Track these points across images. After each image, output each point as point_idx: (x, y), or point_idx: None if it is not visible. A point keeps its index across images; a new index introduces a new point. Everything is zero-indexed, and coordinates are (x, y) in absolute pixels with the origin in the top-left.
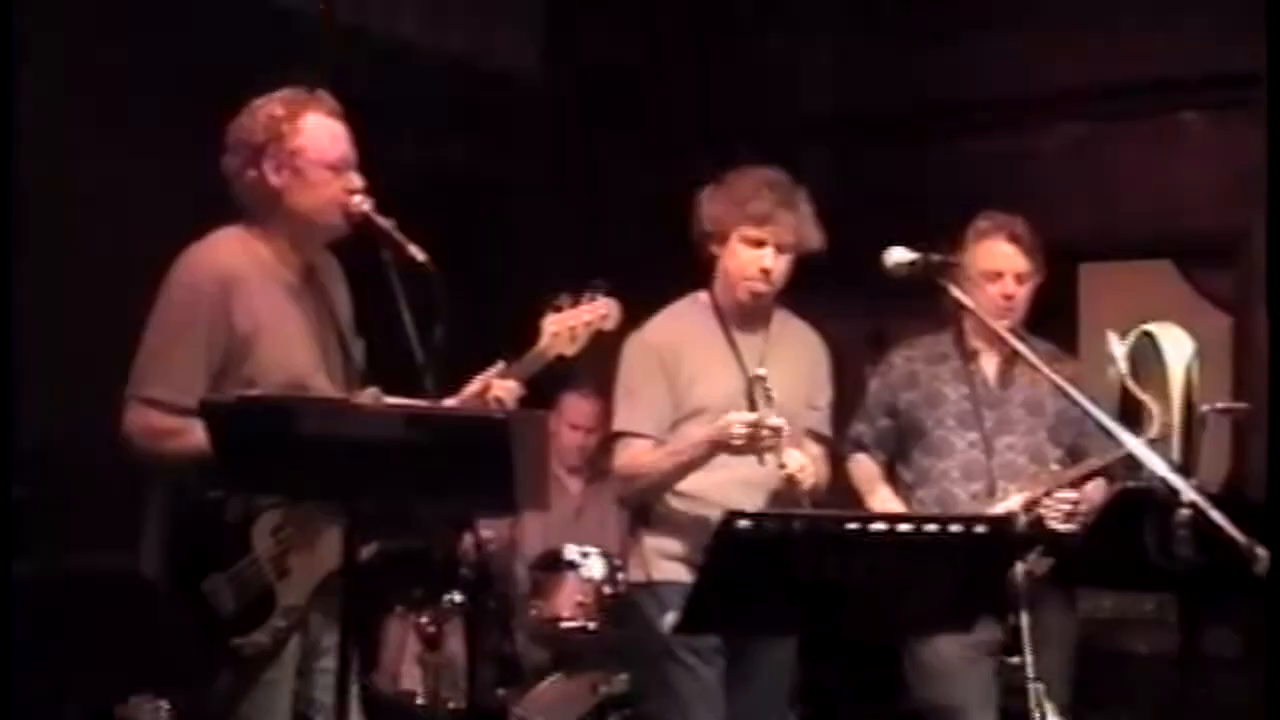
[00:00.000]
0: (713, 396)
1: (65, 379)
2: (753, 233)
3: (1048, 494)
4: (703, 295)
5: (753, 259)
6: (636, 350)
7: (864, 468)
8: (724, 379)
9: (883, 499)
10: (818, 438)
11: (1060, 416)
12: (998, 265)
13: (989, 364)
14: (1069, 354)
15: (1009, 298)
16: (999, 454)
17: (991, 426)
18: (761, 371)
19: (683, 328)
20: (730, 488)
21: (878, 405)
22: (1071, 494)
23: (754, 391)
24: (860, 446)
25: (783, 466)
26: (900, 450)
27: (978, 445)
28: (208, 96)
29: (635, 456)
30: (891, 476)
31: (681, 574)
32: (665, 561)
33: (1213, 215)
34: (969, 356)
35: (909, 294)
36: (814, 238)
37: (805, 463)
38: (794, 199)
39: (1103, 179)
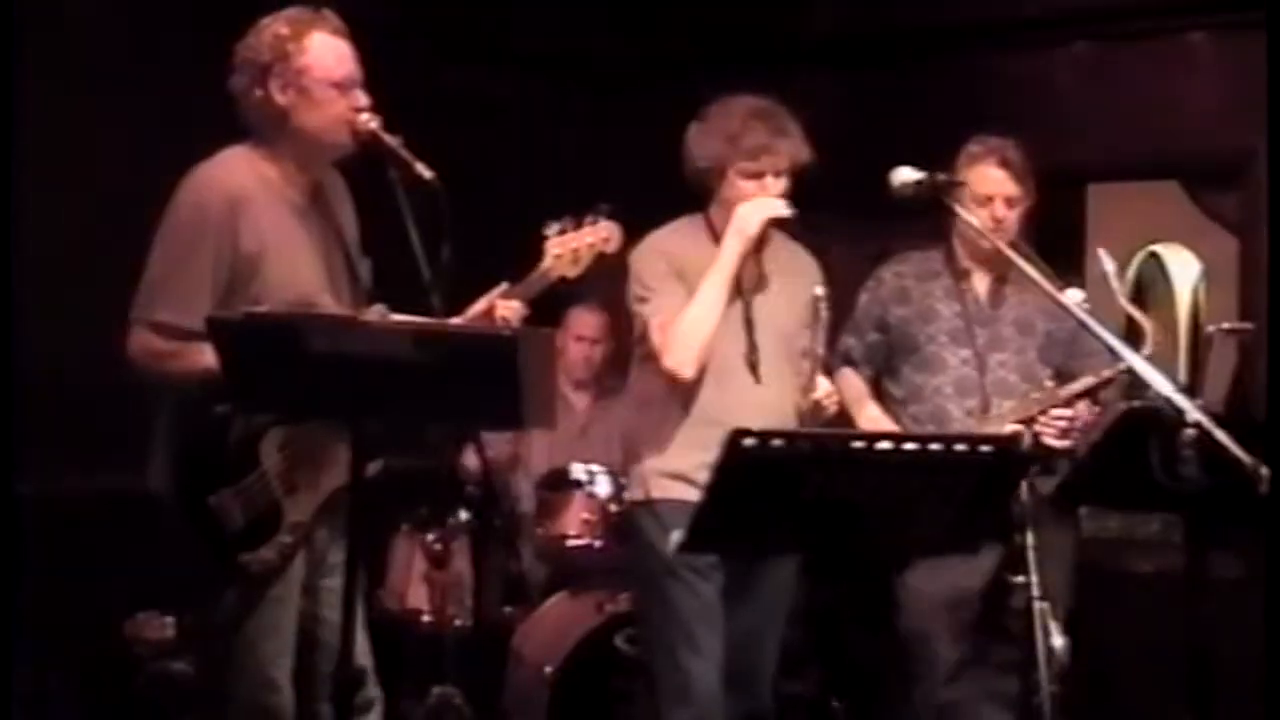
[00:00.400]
0: None
1: (66, 301)
2: (750, 166)
3: (1043, 412)
4: (699, 218)
5: (755, 190)
6: (647, 257)
7: (852, 383)
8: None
9: (871, 417)
10: (812, 356)
11: (1050, 337)
12: (988, 189)
13: (980, 283)
14: (1076, 275)
15: (998, 221)
16: (991, 371)
17: (983, 344)
18: (820, 290)
19: (685, 244)
20: (730, 408)
21: (867, 320)
22: (1066, 411)
23: (749, 313)
24: (848, 361)
25: (809, 392)
26: (889, 366)
27: (970, 362)
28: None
29: (666, 322)
30: (878, 391)
31: (681, 492)
32: (665, 479)
33: (1220, 136)
34: (960, 275)
35: (915, 215)
36: (805, 155)
37: (831, 390)
38: (784, 124)
39: (1110, 100)
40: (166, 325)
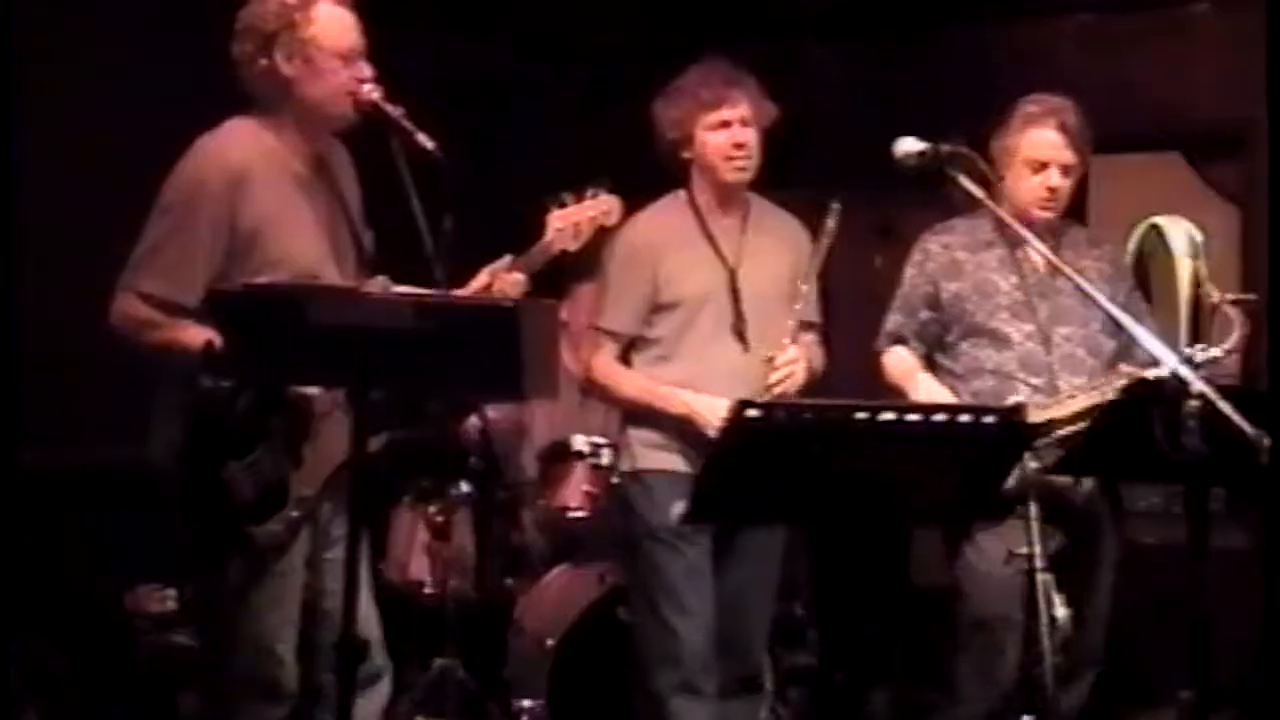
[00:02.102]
0: (689, 292)
1: (64, 272)
2: (714, 118)
3: None
4: (682, 193)
5: (725, 141)
6: (618, 247)
7: (903, 361)
8: (701, 276)
9: (928, 387)
10: (809, 325)
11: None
12: (1043, 155)
13: (1036, 252)
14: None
15: (1052, 191)
16: (1057, 346)
17: (1046, 318)
18: (804, 287)
19: (663, 225)
20: (715, 378)
21: (918, 297)
22: None
23: (735, 282)
24: (899, 340)
25: (770, 360)
26: (942, 342)
27: (1034, 337)
28: None
29: (607, 368)
30: (931, 369)
31: (666, 462)
32: (650, 450)
33: (1222, 107)
34: (1014, 243)
35: (917, 186)
36: (770, 108)
37: (794, 357)
38: (738, 76)
39: (1112, 70)
40: (153, 296)
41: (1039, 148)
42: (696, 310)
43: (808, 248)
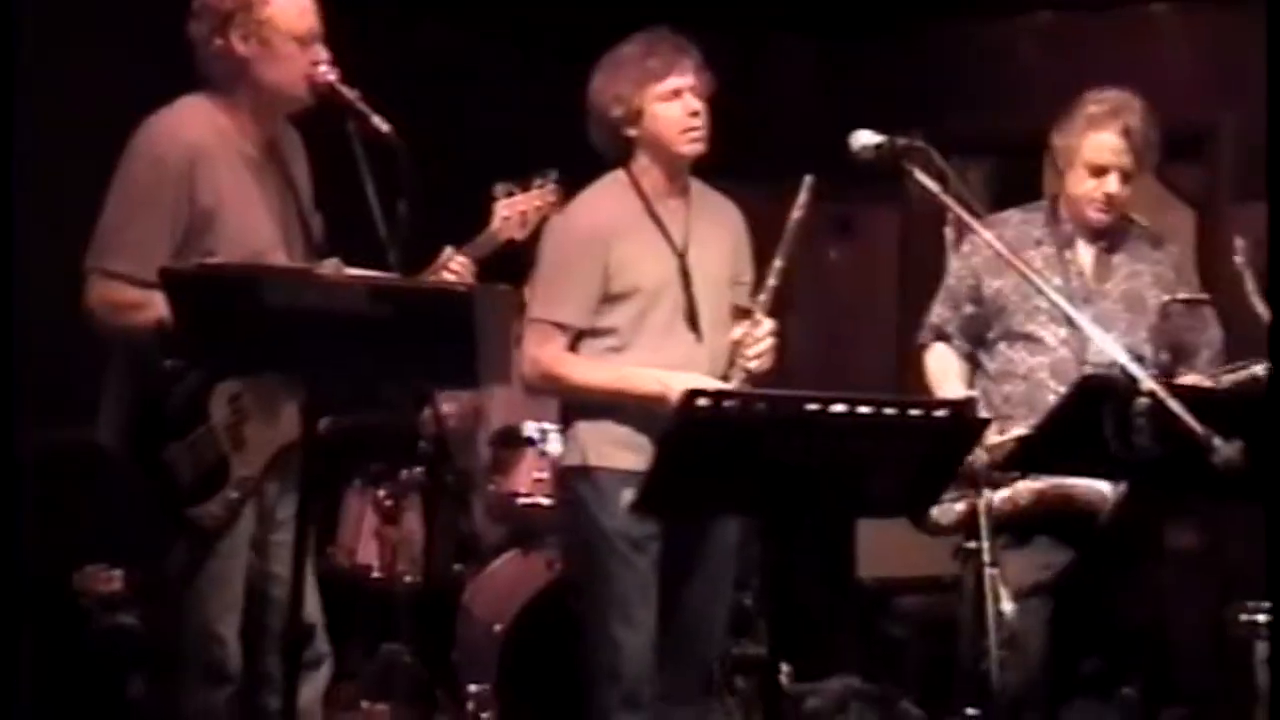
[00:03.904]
0: (644, 279)
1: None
2: (664, 87)
3: None
4: (621, 174)
5: (680, 112)
6: (561, 233)
7: (943, 359)
8: (654, 260)
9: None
10: (745, 313)
11: (1165, 311)
12: (1103, 160)
13: (1085, 253)
14: None
15: (1110, 197)
16: (1092, 355)
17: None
18: (778, 263)
19: (607, 209)
20: (671, 369)
21: (962, 290)
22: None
23: (686, 268)
24: (941, 335)
25: (739, 341)
26: (982, 338)
27: (1070, 343)
28: None
29: (558, 358)
30: (976, 366)
31: (621, 460)
32: (603, 446)
33: (1182, 108)
34: (1064, 243)
35: (876, 179)
36: (711, 79)
37: (772, 328)
38: (684, 43)
39: (1072, 69)
40: (123, 276)
41: (1100, 152)
42: (653, 299)
43: (745, 233)
